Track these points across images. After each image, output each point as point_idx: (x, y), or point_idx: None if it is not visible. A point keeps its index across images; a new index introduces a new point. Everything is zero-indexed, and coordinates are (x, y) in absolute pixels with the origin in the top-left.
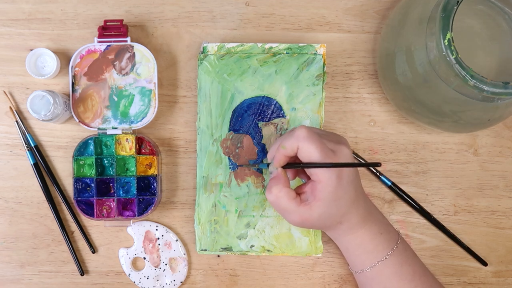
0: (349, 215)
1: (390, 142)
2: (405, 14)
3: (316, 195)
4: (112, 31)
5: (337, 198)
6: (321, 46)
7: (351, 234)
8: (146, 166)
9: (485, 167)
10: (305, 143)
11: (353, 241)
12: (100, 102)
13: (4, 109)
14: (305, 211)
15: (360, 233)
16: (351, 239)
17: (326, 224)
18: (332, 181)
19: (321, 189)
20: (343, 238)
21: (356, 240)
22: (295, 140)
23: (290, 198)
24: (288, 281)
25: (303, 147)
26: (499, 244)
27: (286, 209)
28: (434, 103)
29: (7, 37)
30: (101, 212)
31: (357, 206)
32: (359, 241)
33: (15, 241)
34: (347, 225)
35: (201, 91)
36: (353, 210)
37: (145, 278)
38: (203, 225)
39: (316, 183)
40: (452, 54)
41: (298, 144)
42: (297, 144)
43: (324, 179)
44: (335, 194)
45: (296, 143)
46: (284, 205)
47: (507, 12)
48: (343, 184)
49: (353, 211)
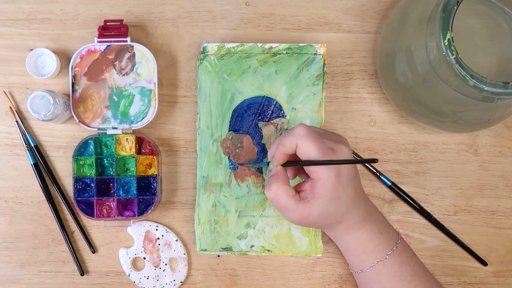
0: (349, 215)
1: (390, 142)
2: (405, 14)
3: (315, 193)
4: (112, 31)
5: (337, 197)
6: (321, 46)
7: (351, 233)
8: (146, 166)
9: (485, 167)
10: (304, 140)
11: (353, 241)
12: (100, 102)
13: (4, 109)
14: (304, 208)
15: (360, 233)
16: (351, 238)
17: (325, 222)
18: (331, 179)
19: (320, 186)
20: (343, 237)
21: (356, 239)
22: (294, 138)
23: (289, 196)
24: (288, 281)
25: (302, 145)
26: (499, 244)
27: (285, 207)
28: (434, 103)
29: (7, 37)
30: (101, 212)
31: (357, 206)
32: (359, 240)
33: (15, 241)
34: (346, 224)
35: (201, 91)
36: (353, 210)
37: (145, 278)
38: (203, 225)
39: (315, 181)
40: (452, 54)
41: (297, 142)
42: (296, 141)
43: (324, 176)
44: (335, 192)
45: (295, 141)
46: (283, 203)
47: (507, 12)
48: (343, 183)
49: (353, 211)
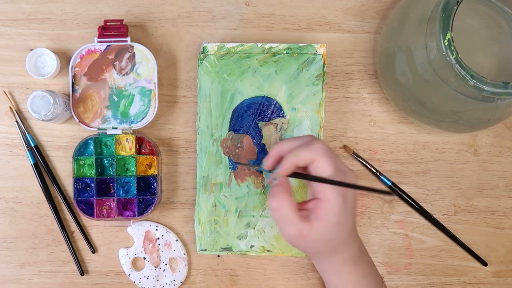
0: (347, 246)
1: (390, 142)
2: (405, 14)
3: (320, 214)
4: (112, 31)
5: (340, 223)
6: (321, 46)
7: (344, 268)
8: (146, 166)
9: (485, 167)
10: (324, 157)
11: (345, 277)
12: (100, 102)
13: (4, 109)
14: (305, 227)
15: (354, 270)
16: (344, 274)
17: (322, 249)
18: (339, 202)
19: (328, 208)
20: (335, 271)
21: (348, 276)
22: (312, 152)
23: (293, 209)
24: (288, 281)
25: (321, 161)
26: (499, 244)
27: (286, 219)
28: (434, 103)
29: (7, 37)
30: (101, 212)
31: (354, 238)
32: (351, 278)
33: (15, 241)
34: (343, 256)
35: (201, 91)
36: (351, 241)
37: (145, 278)
38: (203, 225)
39: (321, 201)
40: (452, 54)
41: (316, 157)
42: (314, 156)
43: (332, 199)
44: (340, 217)
45: (313, 156)
46: (285, 215)
47: (507, 12)
48: (347, 210)
49: (351, 242)
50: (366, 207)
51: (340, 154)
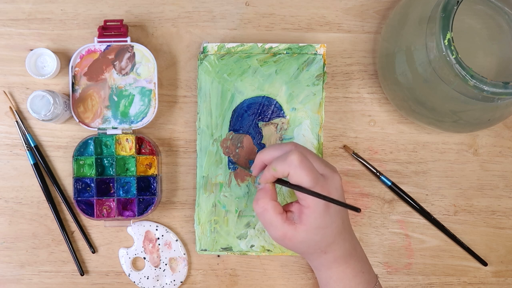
0: (335, 245)
1: (390, 142)
2: (405, 14)
3: (302, 219)
4: (112, 31)
5: (323, 226)
6: (321, 46)
7: (334, 267)
8: (146, 166)
9: (485, 167)
10: (297, 170)
11: (335, 276)
12: (100, 102)
13: (4, 109)
14: (289, 229)
15: (344, 268)
16: (334, 273)
17: (309, 250)
18: (320, 208)
19: (309, 214)
20: (326, 270)
21: (338, 275)
22: (287, 166)
23: (276, 213)
24: (288, 281)
25: (295, 174)
26: (499, 244)
27: (271, 223)
28: (434, 103)
29: (7, 37)
30: (101, 212)
31: (344, 238)
32: (341, 276)
33: (15, 241)
34: (332, 255)
35: (201, 91)
36: (340, 241)
37: (145, 278)
38: (203, 225)
39: (303, 207)
40: (452, 54)
41: (290, 171)
42: (288, 170)
43: (312, 205)
44: (322, 221)
45: (288, 169)
46: (269, 218)
47: (507, 12)
48: (331, 213)
49: (340, 242)
50: (366, 207)
51: (340, 154)
